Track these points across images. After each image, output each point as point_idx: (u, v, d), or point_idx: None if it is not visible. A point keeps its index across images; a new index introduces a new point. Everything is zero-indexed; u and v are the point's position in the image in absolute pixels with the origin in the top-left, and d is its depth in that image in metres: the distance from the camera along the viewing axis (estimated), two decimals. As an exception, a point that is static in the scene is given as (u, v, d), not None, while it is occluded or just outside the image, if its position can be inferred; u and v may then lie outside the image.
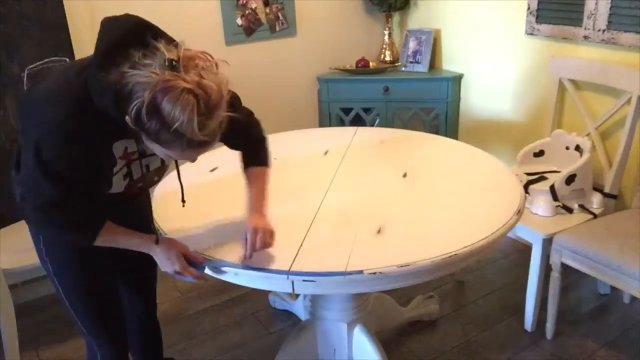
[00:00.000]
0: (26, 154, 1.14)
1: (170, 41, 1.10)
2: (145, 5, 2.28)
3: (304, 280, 1.25)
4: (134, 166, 1.25)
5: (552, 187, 2.08)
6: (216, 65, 1.07)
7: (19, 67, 2.18)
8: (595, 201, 2.16)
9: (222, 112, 1.04)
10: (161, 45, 1.04)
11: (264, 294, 2.42)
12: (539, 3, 2.45)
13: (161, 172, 1.37)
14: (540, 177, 2.27)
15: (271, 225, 1.35)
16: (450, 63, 3.03)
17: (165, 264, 1.31)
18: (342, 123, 3.12)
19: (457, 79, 2.95)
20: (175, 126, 0.99)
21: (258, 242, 1.29)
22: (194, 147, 1.06)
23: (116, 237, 1.29)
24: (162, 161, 1.33)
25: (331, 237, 1.40)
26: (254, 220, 1.34)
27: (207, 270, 1.36)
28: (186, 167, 1.91)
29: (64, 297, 1.41)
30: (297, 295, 2.23)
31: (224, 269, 1.32)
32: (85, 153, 1.11)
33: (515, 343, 2.09)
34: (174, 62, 1.01)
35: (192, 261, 1.33)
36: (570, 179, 2.08)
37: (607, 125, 2.30)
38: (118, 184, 1.24)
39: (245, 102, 3.06)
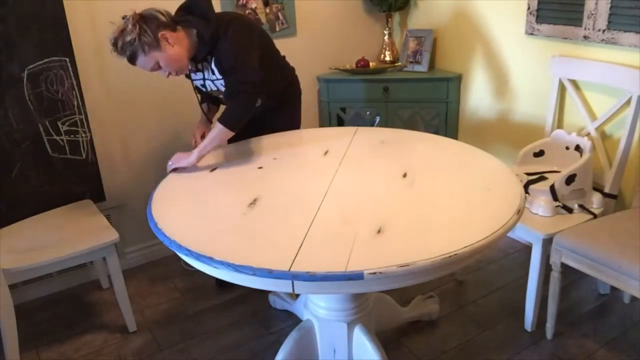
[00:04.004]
0: None
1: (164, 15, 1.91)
2: (145, 5, 2.27)
3: (304, 280, 1.25)
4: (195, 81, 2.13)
5: (552, 187, 2.08)
6: (135, 26, 1.80)
7: (19, 67, 2.18)
8: (595, 201, 2.16)
9: (119, 45, 1.81)
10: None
11: (264, 294, 2.42)
12: (539, 3, 2.45)
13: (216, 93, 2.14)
14: (540, 177, 2.27)
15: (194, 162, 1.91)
16: (450, 63, 3.03)
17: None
18: (342, 123, 3.12)
19: (457, 79, 2.95)
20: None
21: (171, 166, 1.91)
22: (127, 60, 1.87)
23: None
24: (203, 84, 2.10)
25: (331, 237, 1.40)
26: (185, 154, 1.94)
27: (207, 270, 1.37)
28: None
29: None
30: (297, 295, 2.23)
31: (224, 268, 1.32)
32: None
33: (515, 343, 2.09)
34: (125, 17, 1.83)
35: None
36: (570, 179, 2.08)
37: (607, 125, 2.30)
38: (201, 87, 2.15)
39: (245, 102, 2.83)
